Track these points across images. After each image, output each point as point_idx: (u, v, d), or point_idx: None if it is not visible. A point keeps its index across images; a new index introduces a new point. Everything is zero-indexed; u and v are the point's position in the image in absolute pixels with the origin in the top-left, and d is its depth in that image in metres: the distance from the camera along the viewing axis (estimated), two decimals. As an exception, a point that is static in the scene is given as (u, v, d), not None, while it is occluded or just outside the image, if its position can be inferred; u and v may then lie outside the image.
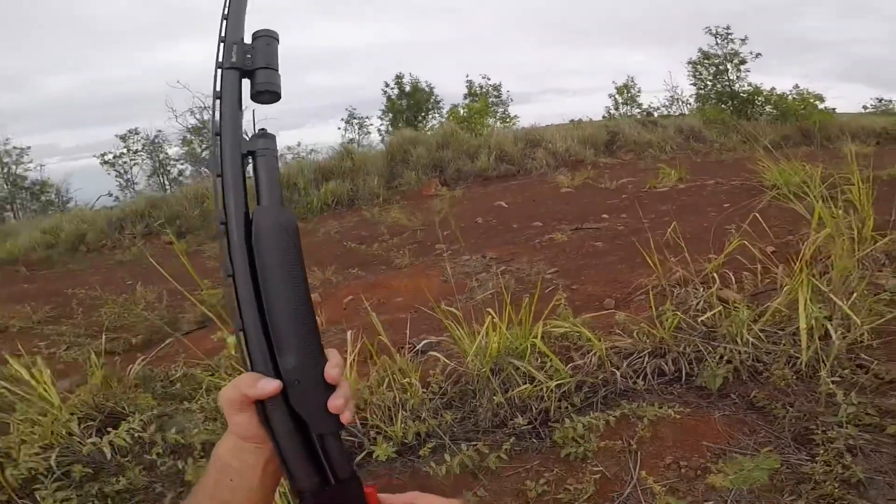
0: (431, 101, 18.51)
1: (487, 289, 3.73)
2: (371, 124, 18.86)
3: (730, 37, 15.49)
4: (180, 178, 16.32)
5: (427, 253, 5.55)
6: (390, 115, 18.45)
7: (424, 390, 2.31)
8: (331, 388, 0.53)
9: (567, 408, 2.19)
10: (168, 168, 16.73)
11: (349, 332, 2.57)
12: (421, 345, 2.79)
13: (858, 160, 3.46)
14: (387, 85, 18.49)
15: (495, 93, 18.77)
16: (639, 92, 19.08)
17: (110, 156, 16.57)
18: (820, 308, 2.33)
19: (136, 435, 2.14)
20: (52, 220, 11.28)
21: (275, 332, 0.51)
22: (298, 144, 14.43)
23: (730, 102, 15.43)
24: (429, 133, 13.17)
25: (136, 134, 16.69)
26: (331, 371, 0.54)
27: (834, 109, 14.73)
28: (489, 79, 18.90)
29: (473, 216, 6.96)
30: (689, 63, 16.16)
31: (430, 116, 18.51)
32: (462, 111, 14.91)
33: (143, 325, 4.21)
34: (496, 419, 2.18)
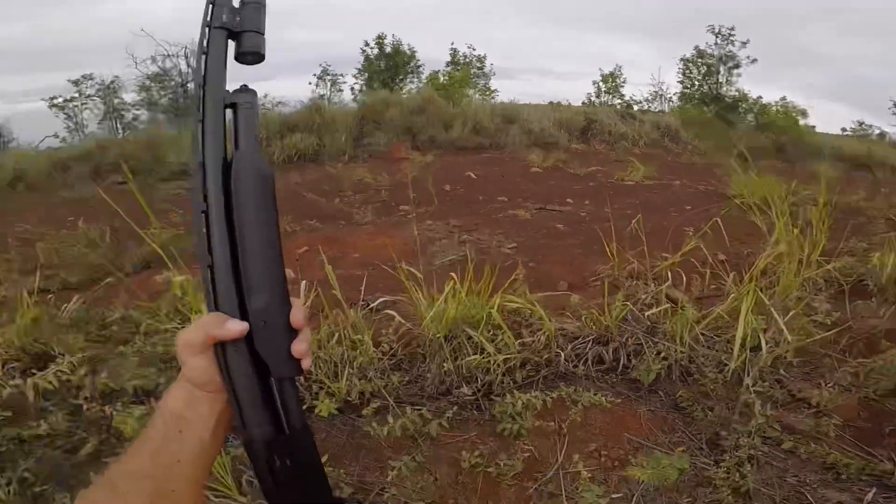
0: (412, 64, 17.91)
1: (447, 255, 3.75)
2: (344, 82, 18.07)
3: (731, 38, 15.20)
4: (135, 122, 15.44)
5: (390, 213, 5.49)
6: (366, 74, 17.81)
7: (374, 349, 2.32)
8: (294, 333, 0.53)
9: (510, 383, 2.26)
10: (122, 113, 15.77)
11: (303, 283, 2.53)
12: (376, 303, 2.78)
13: (826, 184, 3.62)
14: (366, 44, 17.78)
15: (479, 64, 18.17)
16: (623, 83, 18.66)
17: (60, 99, 15.31)
18: (759, 320, 2.47)
19: (63, 378, 2.05)
20: (-12, 159, 10.48)
21: (245, 271, 0.51)
22: (265, 96, 13.52)
23: (712, 105, 15.29)
24: (405, 97, 12.77)
25: (90, 79, 15.45)
26: (297, 315, 0.53)
27: (814, 127, 14.99)
28: (474, 49, 18.19)
29: (442, 183, 6.90)
30: (681, 59, 15.87)
31: (408, 80, 17.96)
32: (443, 78, 14.60)
33: (82, 263, 3.96)
34: (442, 386, 2.23)
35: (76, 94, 15.37)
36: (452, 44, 18.22)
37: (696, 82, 15.81)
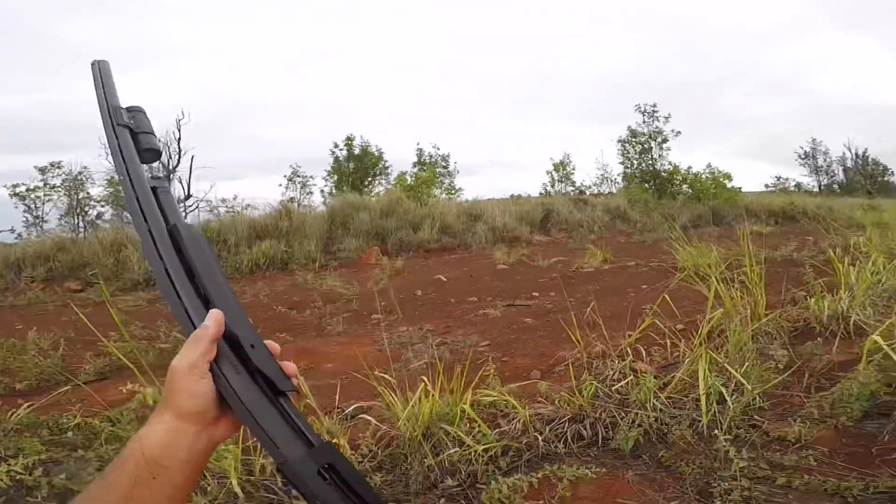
0: (380, 166, 18.35)
1: (423, 359, 3.81)
2: (314, 184, 18.56)
3: (655, 114, 15.95)
4: (98, 220, 14.05)
5: (362, 322, 5.56)
6: (336, 176, 18.13)
7: (353, 452, 2.32)
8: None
9: (494, 471, 2.26)
10: (86, 209, 14.24)
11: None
12: (350, 409, 2.80)
13: (757, 240, 3.96)
14: (335, 145, 18.24)
15: (443, 163, 19.03)
16: (573, 169, 19.86)
17: (23, 188, 13.89)
18: (716, 376, 2.61)
19: (16, 477, 2.00)
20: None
21: (224, 309, 0.56)
22: (235, 198, 13.90)
23: (652, 182, 15.67)
24: (374, 199, 13.07)
25: (59, 168, 14.11)
26: (273, 344, 0.57)
27: (740, 188, 15.72)
28: (438, 148, 19.27)
29: (413, 288, 7.10)
30: (618, 141, 16.49)
31: (377, 182, 18.34)
32: (409, 179, 15.04)
33: (31, 370, 3.92)
34: (426, 482, 2.21)
35: (40, 184, 13.84)
36: (418, 144, 19.34)
37: (634, 161, 16.27)
